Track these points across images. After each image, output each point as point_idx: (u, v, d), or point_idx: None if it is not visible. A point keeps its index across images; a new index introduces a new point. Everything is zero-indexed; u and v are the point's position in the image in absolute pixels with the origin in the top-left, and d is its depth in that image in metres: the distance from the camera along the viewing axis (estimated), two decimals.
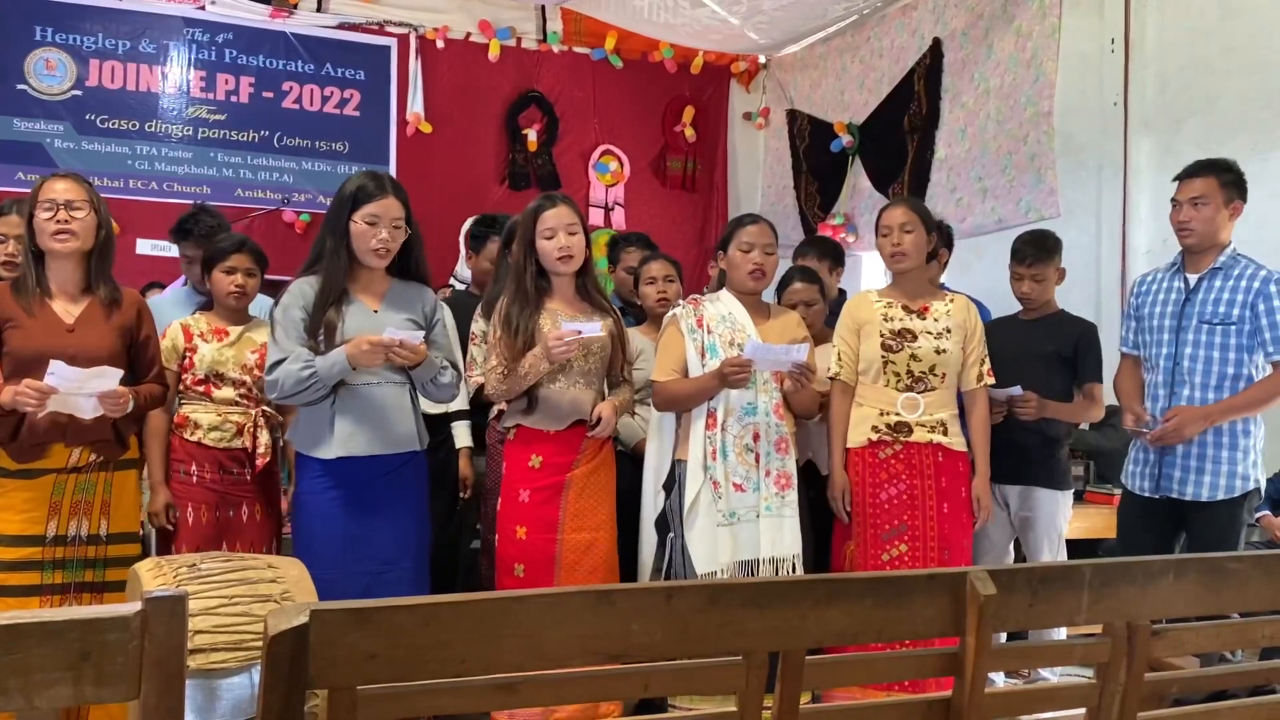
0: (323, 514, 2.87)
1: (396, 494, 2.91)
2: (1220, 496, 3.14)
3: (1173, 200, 3.28)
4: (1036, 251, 3.63)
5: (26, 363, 2.70)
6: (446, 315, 3.24)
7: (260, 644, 1.26)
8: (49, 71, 5.83)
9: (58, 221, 2.74)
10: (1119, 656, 1.71)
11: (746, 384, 3.08)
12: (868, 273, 6.35)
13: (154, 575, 2.29)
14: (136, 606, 1.20)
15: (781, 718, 1.51)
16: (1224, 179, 3.19)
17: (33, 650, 1.15)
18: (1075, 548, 4.01)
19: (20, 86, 5.77)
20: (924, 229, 3.30)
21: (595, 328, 3.02)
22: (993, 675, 3.00)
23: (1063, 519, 3.67)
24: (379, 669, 1.26)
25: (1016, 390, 3.43)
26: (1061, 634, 3.16)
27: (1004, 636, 2.73)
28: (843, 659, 1.68)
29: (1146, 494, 3.27)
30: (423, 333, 2.83)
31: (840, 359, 3.31)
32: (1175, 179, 3.31)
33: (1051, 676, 3.44)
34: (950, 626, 1.57)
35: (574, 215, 3.13)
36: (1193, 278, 3.25)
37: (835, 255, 4.26)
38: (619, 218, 6.96)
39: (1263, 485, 3.22)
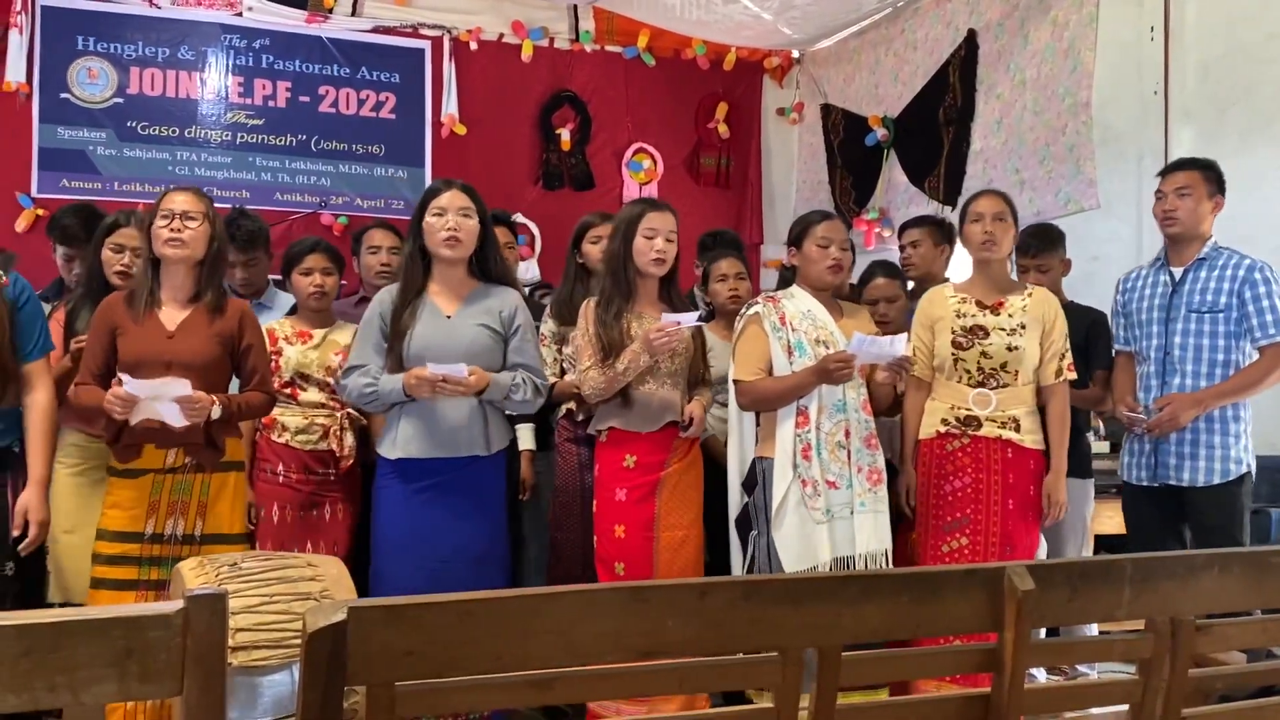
0: (388, 509, 2.97)
1: (462, 493, 2.95)
2: (1216, 481, 3.24)
3: (1156, 193, 3.40)
4: (1040, 243, 3.72)
5: (129, 368, 2.81)
6: (530, 319, 3.25)
7: (300, 641, 1.28)
8: (91, 80, 5.93)
9: (171, 230, 2.86)
10: (1162, 652, 1.69)
11: (850, 379, 3.07)
12: None
13: (196, 574, 2.33)
14: (178, 604, 1.22)
15: (819, 714, 1.51)
16: (1206, 174, 3.32)
17: (79, 647, 1.18)
18: (1112, 544, 3.98)
19: (64, 95, 5.86)
20: (1014, 223, 3.29)
21: (693, 317, 3.08)
22: (1034, 671, 2.98)
23: (1088, 509, 3.67)
24: (416, 665, 1.27)
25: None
26: (1093, 630, 3.14)
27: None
28: (879, 655, 1.67)
29: (1145, 484, 3.37)
30: (464, 366, 2.83)
31: (914, 355, 3.29)
32: (1158, 174, 3.44)
33: (1091, 672, 3.41)
34: (989, 622, 1.56)
35: (675, 224, 3.20)
36: (1178, 270, 3.36)
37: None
38: None
39: (1254, 468, 3.30)
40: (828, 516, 3.04)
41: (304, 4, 6.28)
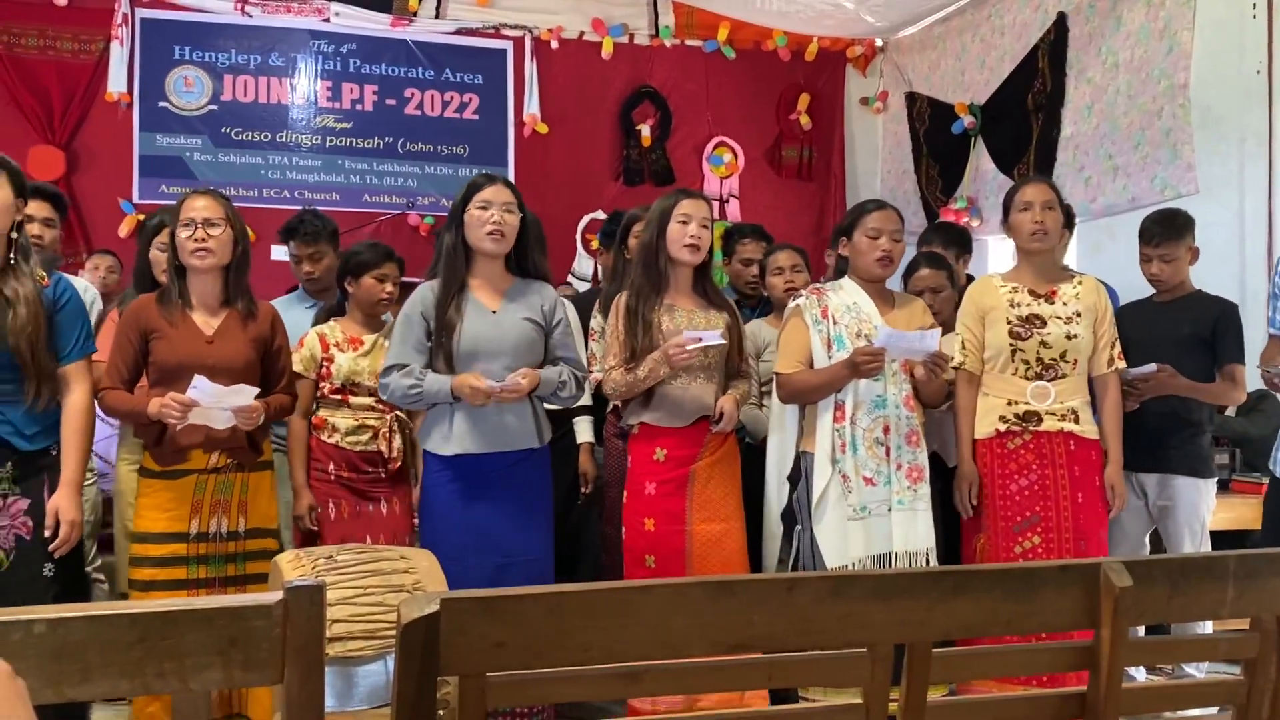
0: (445, 508, 2.97)
1: (516, 489, 2.96)
2: None
3: None
4: (1164, 231, 3.47)
5: (170, 372, 2.83)
6: (570, 314, 3.27)
7: (394, 633, 1.31)
8: (188, 89, 6.13)
9: (196, 240, 2.86)
10: (1268, 652, 1.63)
11: (879, 373, 3.03)
12: (994, 257, 6.17)
13: (294, 566, 2.40)
14: (279, 595, 1.26)
15: (908, 710, 1.49)
16: None
17: (186, 636, 1.22)
18: (1222, 539, 3.82)
19: (162, 104, 6.08)
20: (1061, 210, 3.23)
21: (715, 335, 3.02)
22: (1132, 670, 2.89)
23: (1206, 509, 3.48)
24: (507, 657, 1.29)
25: (1152, 368, 3.29)
26: (1208, 628, 3.02)
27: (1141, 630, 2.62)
28: (971, 652, 1.64)
29: None
30: (519, 377, 2.86)
31: (964, 347, 3.21)
32: None
33: (1197, 673, 3.29)
34: (1084, 619, 1.52)
35: (709, 212, 3.18)
36: None
37: (962, 242, 4.14)
38: (734, 209, 6.94)
39: None
40: (863, 513, 3.00)
41: (389, 8, 6.40)
